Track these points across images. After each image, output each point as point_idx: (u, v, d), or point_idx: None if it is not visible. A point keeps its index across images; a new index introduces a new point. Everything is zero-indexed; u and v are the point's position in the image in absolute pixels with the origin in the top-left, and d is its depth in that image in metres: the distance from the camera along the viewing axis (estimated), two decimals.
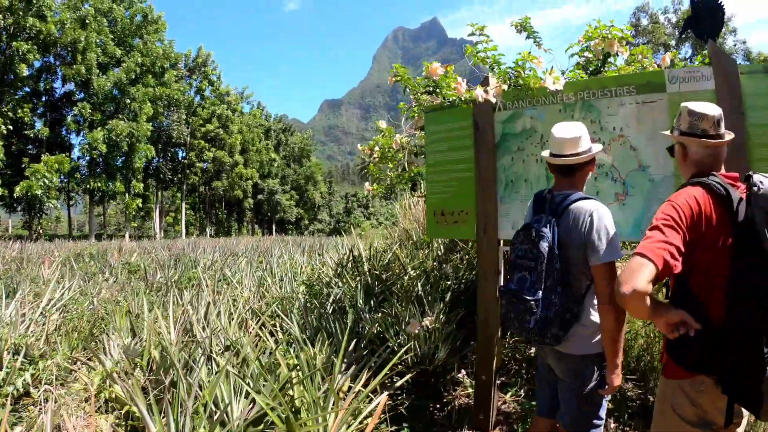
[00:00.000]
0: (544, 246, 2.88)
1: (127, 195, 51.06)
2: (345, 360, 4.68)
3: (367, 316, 5.87)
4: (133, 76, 48.99)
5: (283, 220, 79.93)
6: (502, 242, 4.70)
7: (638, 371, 5.29)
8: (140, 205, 52.28)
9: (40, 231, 45.50)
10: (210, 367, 4.43)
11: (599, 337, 2.95)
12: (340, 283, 7.33)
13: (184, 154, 63.11)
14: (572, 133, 3.06)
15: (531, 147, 4.53)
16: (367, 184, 6.11)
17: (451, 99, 4.28)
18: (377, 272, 7.32)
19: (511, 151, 4.62)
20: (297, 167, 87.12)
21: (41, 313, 6.25)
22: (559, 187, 3.14)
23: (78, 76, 45.87)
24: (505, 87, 4.13)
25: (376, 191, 6.09)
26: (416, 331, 5.22)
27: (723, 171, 2.54)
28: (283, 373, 4.20)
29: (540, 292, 2.88)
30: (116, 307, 6.69)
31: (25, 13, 41.40)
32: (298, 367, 4.27)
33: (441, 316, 5.58)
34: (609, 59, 4.99)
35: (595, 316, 2.97)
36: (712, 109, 2.53)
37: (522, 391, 5.41)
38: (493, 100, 4.08)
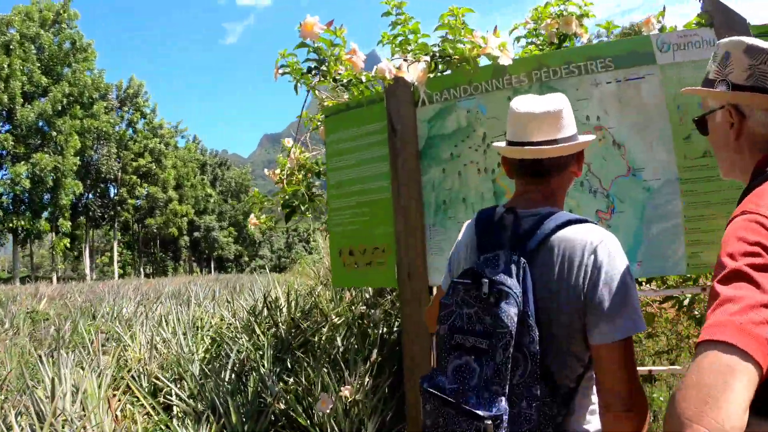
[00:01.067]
0: (510, 312, 1.59)
1: (53, 234, 49.01)
2: None
3: (275, 382, 4.75)
4: (60, 107, 47.54)
5: (222, 258, 79.02)
6: (435, 290, 3.46)
7: None
8: (68, 245, 50.38)
9: None
10: None
11: None
12: (246, 338, 6.23)
13: (115, 190, 61.53)
14: (546, 106, 1.83)
15: (469, 152, 3.34)
16: (252, 216, 4.72)
17: (345, 81, 2.94)
18: (296, 321, 6.17)
19: (442, 159, 3.42)
20: (235, 203, 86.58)
21: None
22: (526, 202, 1.87)
23: (0, 105, 44.33)
24: (427, 60, 2.79)
25: (264, 224, 4.70)
26: (327, 411, 4.03)
27: None
28: None
29: (503, 401, 1.57)
30: None
31: None
32: None
33: (366, 380, 4.42)
34: (565, 44, 4.06)
35: (592, 424, 1.75)
36: None
37: None
38: (409, 78, 2.77)
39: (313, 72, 3.26)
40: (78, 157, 49.75)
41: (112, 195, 61.23)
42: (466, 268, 1.78)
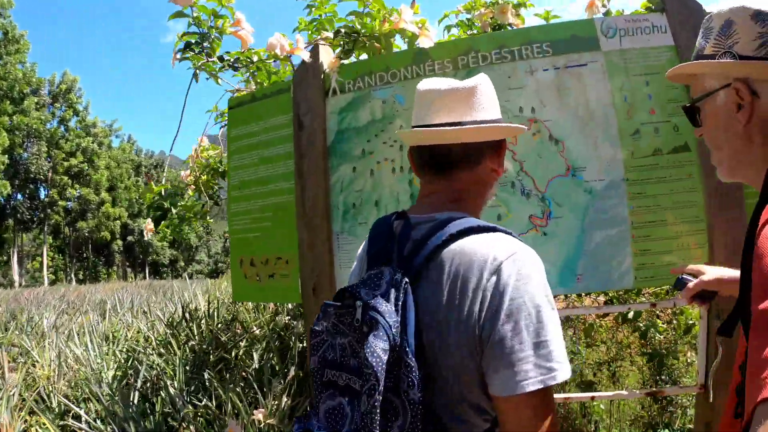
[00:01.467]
0: (376, 348, 1.20)
1: None
2: None
3: (186, 404, 4.35)
4: None
5: (157, 263, 77.32)
6: None
7: None
8: None
9: None
10: None
11: None
12: (163, 352, 5.81)
13: (46, 192, 59.40)
14: (456, 83, 1.48)
15: (384, 148, 2.93)
16: (148, 221, 4.20)
17: (233, 59, 2.44)
18: (214, 334, 5.74)
19: (353, 156, 2.99)
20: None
21: None
22: (425, 206, 1.48)
23: None
24: (330, 36, 2.33)
25: (161, 230, 4.18)
26: None
27: None
28: None
29: None
30: None
31: None
32: None
33: (284, 400, 4.00)
34: None
35: None
36: None
37: None
38: (306, 57, 2.33)
39: (196, 49, 2.74)
40: (6, 156, 47.89)
41: (42, 196, 59.14)
42: (342, 288, 1.38)
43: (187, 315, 6.43)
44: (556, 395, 2.89)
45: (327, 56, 2.85)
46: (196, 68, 3.05)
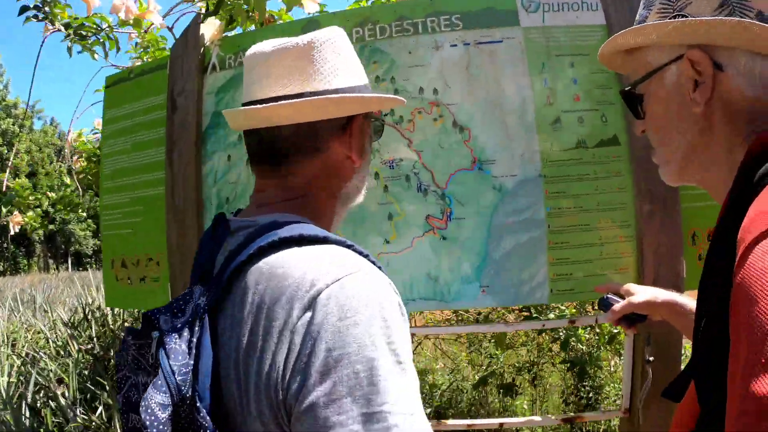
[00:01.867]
0: (150, 402, 0.81)
1: None
2: None
3: (74, 417, 4.11)
4: None
5: (80, 253, 74.62)
6: None
7: None
8: None
9: None
10: None
11: None
12: (63, 356, 5.52)
13: None
14: (286, 42, 1.08)
15: None
16: (16, 213, 3.75)
17: (76, 25, 2.03)
18: (117, 335, 5.44)
19: (229, 143, 2.61)
20: (91, 195, 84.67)
21: None
22: (256, 205, 1.12)
23: None
24: None
25: (29, 224, 3.75)
26: None
27: None
28: None
29: None
30: None
31: None
32: None
33: None
34: None
35: None
36: None
37: None
38: (159, 21, 2.00)
39: (40, 14, 2.29)
40: None
41: None
42: (144, 313, 1.00)
43: (89, 314, 6.05)
44: (458, 421, 2.56)
45: (209, 27, 2.48)
46: (72, 41, 2.62)
